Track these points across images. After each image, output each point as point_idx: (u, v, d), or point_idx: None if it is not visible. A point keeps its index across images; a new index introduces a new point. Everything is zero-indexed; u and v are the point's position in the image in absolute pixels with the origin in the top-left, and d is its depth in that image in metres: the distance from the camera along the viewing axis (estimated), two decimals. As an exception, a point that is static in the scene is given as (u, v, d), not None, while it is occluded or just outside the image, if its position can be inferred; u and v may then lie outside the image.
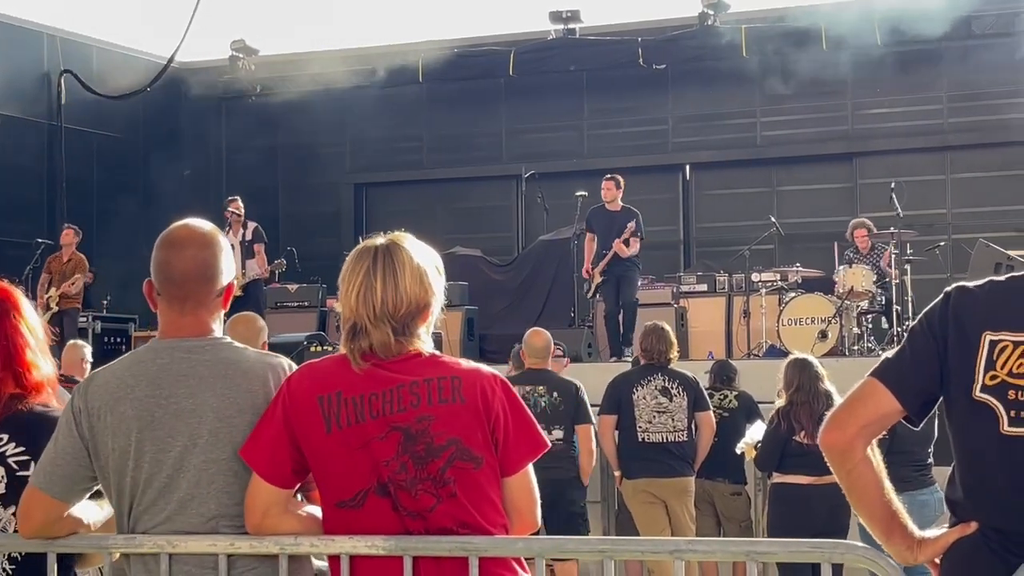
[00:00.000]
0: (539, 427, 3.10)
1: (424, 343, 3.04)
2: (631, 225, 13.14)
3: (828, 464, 2.94)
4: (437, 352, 3.07)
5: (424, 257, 3.07)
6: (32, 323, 3.43)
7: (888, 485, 2.91)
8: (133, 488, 3.04)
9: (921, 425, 2.98)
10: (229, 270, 3.19)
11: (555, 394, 8.41)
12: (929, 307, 2.96)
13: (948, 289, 2.94)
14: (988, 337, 2.82)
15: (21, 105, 18.81)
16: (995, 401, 2.80)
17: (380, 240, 3.08)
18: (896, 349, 2.98)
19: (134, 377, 3.07)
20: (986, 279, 2.93)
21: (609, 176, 13.55)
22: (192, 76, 19.42)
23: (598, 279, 13.51)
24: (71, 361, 8.72)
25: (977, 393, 2.81)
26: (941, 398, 2.91)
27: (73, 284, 14.78)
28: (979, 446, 2.83)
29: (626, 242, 13.13)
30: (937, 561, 2.90)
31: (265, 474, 2.96)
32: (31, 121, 19.02)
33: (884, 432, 3.00)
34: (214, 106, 19.63)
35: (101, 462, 3.06)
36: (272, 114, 20.08)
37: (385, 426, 2.94)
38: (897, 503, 2.91)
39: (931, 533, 2.92)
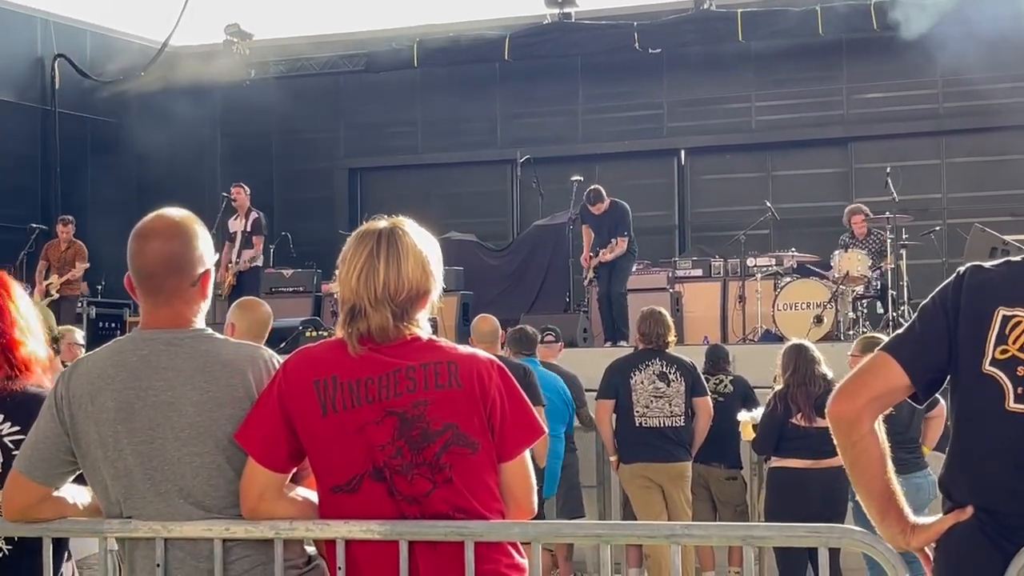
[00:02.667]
0: (536, 413, 3.09)
1: (422, 328, 3.03)
2: (612, 242, 13.22)
3: (833, 436, 2.92)
4: (435, 337, 3.05)
5: (426, 244, 3.06)
6: (23, 308, 3.43)
7: (890, 464, 2.89)
8: (116, 479, 3.03)
9: (926, 404, 2.96)
10: (203, 259, 3.12)
11: None
12: (942, 285, 2.94)
13: (961, 269, 2.93)
14: (1002, 312, 2.81)
15: (14, 90, 18.78)
16: (1003, 376, 2.78)
17: (383, 223, 3.06)
18: (907, 325, 2.97)
19: (115, 368, 3.06)
20: (1002, 260, 2.93)
21: (594, 197, 13.42)
22: (186, 61, 19.37)
23: (591, 274, 13.56)
24: (64, 347, 8.68)
25: (986, 367, 2.80)
26: (949, 376, 2.89)
27: (76, 271, 15.11)
28: (981, 421, 2.81)
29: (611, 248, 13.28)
30: (928, 551, 2.86)
31: (260, 458, 2.95)
32: (25, 106, 18.99)
33: (891, 408, 2.99)
34: (208, 91, 19.57)
35: (82, 450, 3.06)
36: (266, 99, 20.04)
37: (381, 411, 2.93)
38: (896, 485, 2.89)
39: (925, 520, 2.87)
